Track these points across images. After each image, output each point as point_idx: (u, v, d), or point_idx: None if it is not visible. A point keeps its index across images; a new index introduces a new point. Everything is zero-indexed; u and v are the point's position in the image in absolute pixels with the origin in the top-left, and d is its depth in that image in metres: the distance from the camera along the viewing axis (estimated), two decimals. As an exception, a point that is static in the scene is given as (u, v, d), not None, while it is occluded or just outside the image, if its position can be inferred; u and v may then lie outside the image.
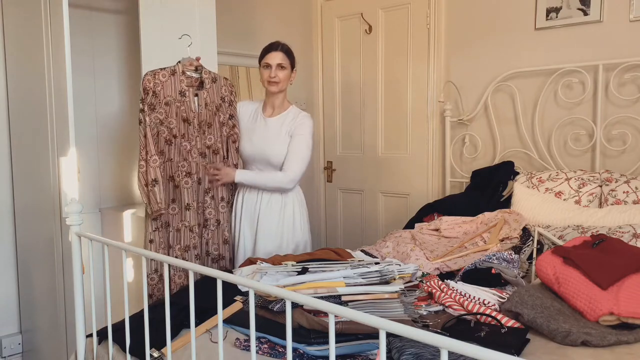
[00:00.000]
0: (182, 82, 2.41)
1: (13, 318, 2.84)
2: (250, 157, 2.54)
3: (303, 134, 2.45)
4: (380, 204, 3.83)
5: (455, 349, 0.87)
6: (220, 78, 2.54)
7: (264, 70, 2.47)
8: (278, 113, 2.53)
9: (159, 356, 1.53)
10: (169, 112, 2.38)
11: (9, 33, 2.69)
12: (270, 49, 2.47)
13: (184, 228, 2.43)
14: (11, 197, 2.81)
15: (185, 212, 2.42)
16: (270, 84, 2.46)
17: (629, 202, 2.50)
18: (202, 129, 2.47)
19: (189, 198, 2.42)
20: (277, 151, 2.45)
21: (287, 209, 2.52)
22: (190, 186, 2.43)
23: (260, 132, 2.51)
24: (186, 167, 2.43)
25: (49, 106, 2.40)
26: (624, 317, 1.57)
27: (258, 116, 2.56)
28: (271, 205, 2.50)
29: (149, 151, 2.33)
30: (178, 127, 2.41)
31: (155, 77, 2.37)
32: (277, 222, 2.51)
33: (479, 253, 2.20)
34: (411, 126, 3.60)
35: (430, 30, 3.45)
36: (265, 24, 3.74)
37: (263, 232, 2.50)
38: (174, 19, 2.68)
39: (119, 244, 1.66)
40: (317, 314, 1.57)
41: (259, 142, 2.49)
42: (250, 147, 2.51)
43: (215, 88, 2.51)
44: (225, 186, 2.52)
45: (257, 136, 2.51)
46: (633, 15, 2.77)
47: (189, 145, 2.43)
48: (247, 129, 2.55)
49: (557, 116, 3.03)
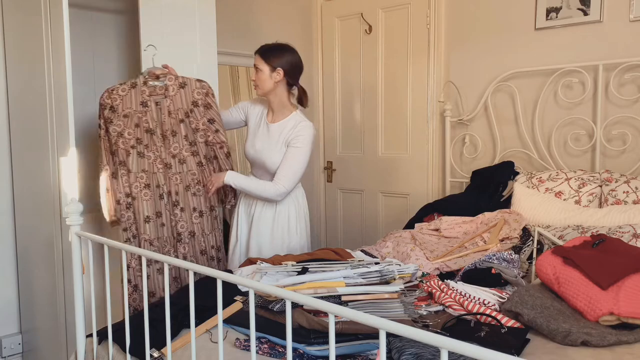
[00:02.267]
0: (144, 92, 2.39)
1: (13, 318, 2.84)
2: (252, 161, 2.54)
3: (299, 147, 2.38)
4: (380, 204, 3.83)
5: (455, 349, 0.87)
6: (191, 82, 2.45)
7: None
8: (279, 119, 2.46)
9: (159, 356, 1.53)
10: (127, 123, 2.38)
11: (9, 33, 2.69)
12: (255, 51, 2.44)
13: (144, 241, 2.40)
14: (11, 197, 2.81)
15: (144, 224, 2.40)
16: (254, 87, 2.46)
17: (629, 202, 2.50)
18: (166, 139, 2.42)
19: (148, 210, 2.40)
20: (273, 160, 2.41)
21: (281, 214, 2.49)
22: (149, 198, 2.40)
23: (262, 138, 2.47)
24: (145, 179, 2.40)
25: (49, 106, 2.40)
26: (624, 317, 1.57)
27: (262, 120, 2.52)
28: (266, 209, 2.49)
29: (101, 161, 2.41)
30: (138, 138, 2.39)
31: (113, 93, 2.39)
32: (271, 227, 2.48)
33: (479, 253, 2.20)
34: (411, 126, 3.60)
35: (430, 31, 3.45)
36: (265, 24, 3.74)
37: (257, 236, 2.49)
38: (174, 19, 2.68)
39: (118, 244, 1.66)
40: (317, 314, 1.57)
41: (260, 147, 2.46)
42: (253, 152, 2.49)
43: (184, 94, 2.43)
44: (196, 196, 2.47)
45: (259, 141, 2.48)
46: (633, 15, 2.77)
47: (152, 155, 2.41)
48: (253, 132, 2.52)
49: (557, 116, 3.03)
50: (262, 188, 2.39)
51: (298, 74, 2.46)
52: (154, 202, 2.42)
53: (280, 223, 2.48)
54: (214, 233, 2.54)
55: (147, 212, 2.40)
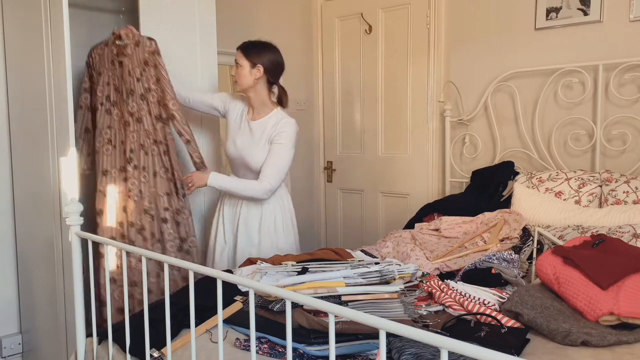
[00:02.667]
0: (112, 51, 2.48)
1: (13, 318, 2.84)
2: (233, 160, 2.51)
3: (283, 143, 2.37)
4: (380, 204, 3.83)
5: (455, 349, 0.87)
6: (143, 40, 2.45)
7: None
8: (260, 117, 2.45)
9: (159, 356, 1.53)
10: (99, 81, 2.51)
11: (9, 33, 2.69)
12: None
13: (99, 192, 2.48)
14: (11, 197, 2.81)
15: (102, 177, 2.47)
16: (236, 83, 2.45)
17: (629, 202, 2.50)
18: (127, 97, 2.48)
19: (107, 165, 2.48)
20: (257, 158, 2.40)
21: (268, 214, 2.47)
22: (110, 153, 2.49)
23: (243, 136, 2.45)
24: (109, 135, 2.49)
25: (49, 106, 2.40)
26: (624, 317, 1.57)
27: (243, 117, 2.49)
28: (252, 209, 2.47)
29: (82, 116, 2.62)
30: (108, 96, 2.51)
31: (93, 52, 2.55)
32: (258, 227, 2.46)
33: (479, 253, 2.20)
34: (411, 126, 3.60)
35: (430, 31, 3.45)
36: (265, 24, 3.74)
37: (245, 237, 2.47)
38: (174, 19, 2.68)
39: (119, 244, 1.66)
40: (317, 314, 1.57)
41: (241, 146, 2.44)
42: (234, 150, 2.47)
43: (139, 52, 2.46)
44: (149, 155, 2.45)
45: (240, 139, 2.45)
46: (633, 15, 2.77)
47: (118, 112, 2.50)
48: (234, 130, 2.50)
49: (557, 116, 3.03)
50: (248, 187, 2.37)
51: (279, 72, 2.47)
52: (114, 157, 2.49)
53: (267, 223, 2.47)
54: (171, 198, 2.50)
55: (106, 166, 2.47)
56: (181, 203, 2.53)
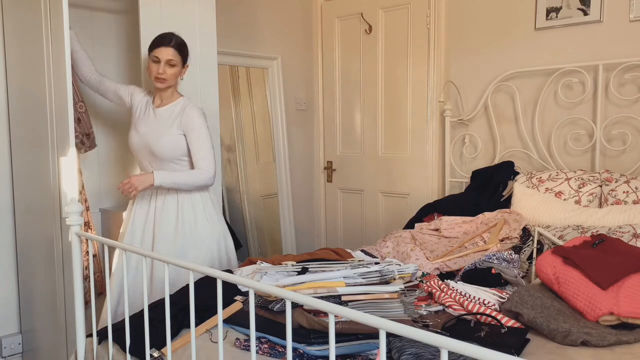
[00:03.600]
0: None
1: (13, 318, 2.84)
2: (136, 149, 2.42)
3: (199, 127, 2.32)
4: (380, 204, 3.83)
5: (455, 349, 0.87)
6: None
7: (152, 64, 2.32)
8: (166, 104, 2.40)
9: (159, 356, 1.53)
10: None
11: (9, 33, 2.69)
12: (161, 43, 2.31)
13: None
14: (11, 197, 2.81)
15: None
16: (158, 80, 2.32)
17: (629, 202, 2.50)
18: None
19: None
20: (162, 143, 2.32)
21: (184, 202, 2.38)
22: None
23: (148, 123, 2.39)
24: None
25: (49, 106, 2.40)
26: (624, 317, 1.57)
27: (148, 107, 2.44)
28: (167, 207, 2.37)
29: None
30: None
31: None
32: (175, 216, 2.37)
33: (479, 253, 2.20)
34: (411, 126, 3.60)
35: (430, 31, 3.45)
36: (266, 24, 3.74)
37: (160, 227, 2.37)
38: (174, 19, 2.68)
39: (119, 244, 1.66)
40: (317, 314, 1.57)
41: (145, 132, 2.37)
42: (137, 138, 2.39)
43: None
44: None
45: (143, 127, 2.38)
46: (633, 15, 2.77)
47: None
48: (136, 119, 2.43)
49: (557, 116, 3.03)
50: (194, 178, 2.30)
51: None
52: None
53: (186, 211, 2.37)
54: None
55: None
56: None
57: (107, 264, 1.76)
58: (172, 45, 2.31)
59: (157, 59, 2.30)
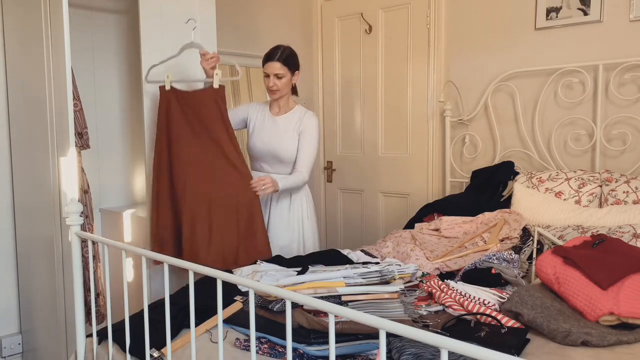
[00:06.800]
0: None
1: (13, 318, 2.84)
2: (260, 154, 2.64)
3: (311, 133, 2.57)
4: (380, 204, 3.83)
5: (455, 349, 0.87)
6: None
7: (265, 78, 2.55)
8: (285, 112, 2.63)
9: (159, 356, 1.53)
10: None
11: (9, 33, 2.69)
12: (268, 59, 2.52)
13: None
14: (11, 197, 2.81)
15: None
16: (271, 92, 2.57)
17: (629, 202, 2.50)
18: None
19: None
20: (286, 147, 2.57)
21: (295, 202, 2.65)
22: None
23: (270, 130, 2.61)
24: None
25: (49, 106, 2.40)
26: (624, 317, 1.57)
27: (266, 115, 2.66)
28: (281, 202, 2.64)
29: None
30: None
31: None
32: (288, 217, 2.64)
33: (479, 253, 2.20)
34: (411, 126, 3.60)
35: (430, 31, 3.45)
36: (266, 24, 3.74)
37: (274, 227, 2.63)
38: (174, 19, 2.68)
39: (119, 244, 1.66)
40: (317, 314, 1.57)
41: (269, 139, 2.60)
42: (261, 145, 2.62)
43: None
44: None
45: (266, 134, 2.61)
46: (633, 15, 2.77)
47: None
48: (257, 128, 2.65)
49: (557, 116, 3.03)
50: (296, 181, 2.54)
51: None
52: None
53: (295, 213, 2.65)
54: None
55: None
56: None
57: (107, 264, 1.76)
58: (278, 59, 2.50)
59: (267, 75, 2.53)
